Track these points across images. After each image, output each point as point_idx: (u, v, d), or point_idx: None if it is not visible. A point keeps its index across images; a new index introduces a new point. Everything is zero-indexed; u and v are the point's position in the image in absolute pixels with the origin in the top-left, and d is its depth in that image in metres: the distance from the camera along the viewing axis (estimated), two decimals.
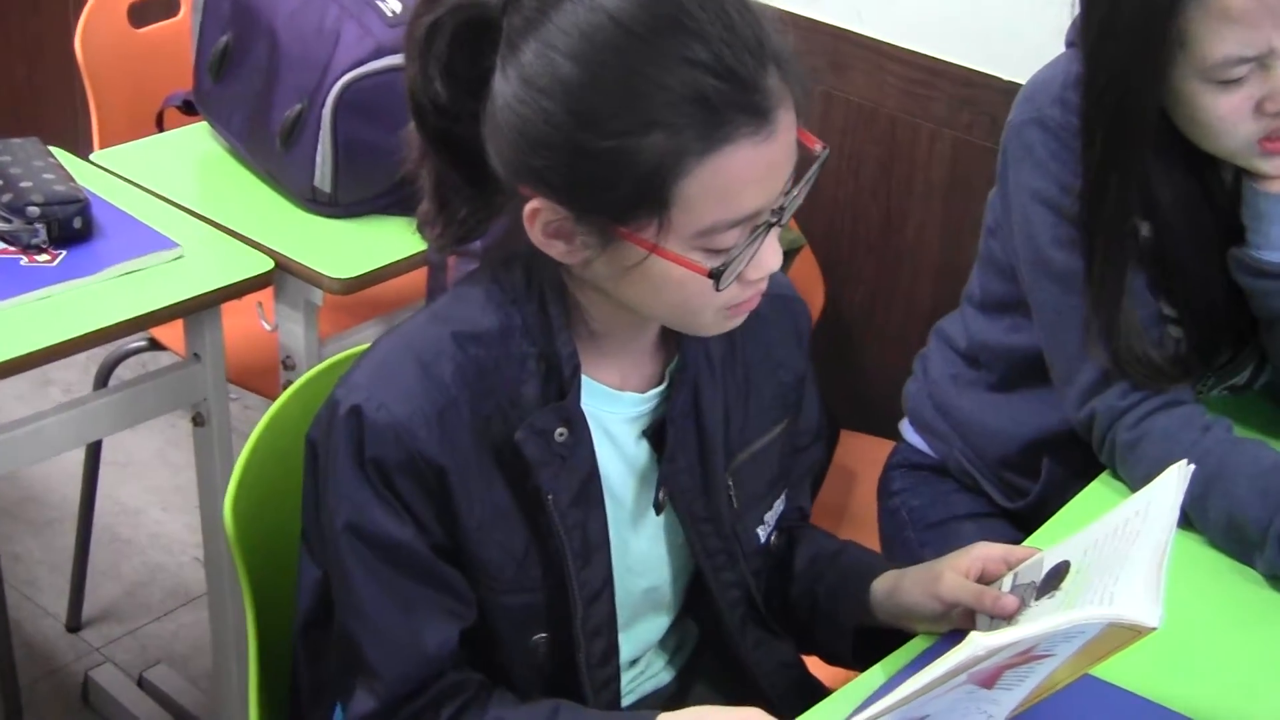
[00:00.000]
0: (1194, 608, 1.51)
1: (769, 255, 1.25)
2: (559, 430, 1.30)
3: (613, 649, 1.39)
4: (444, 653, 1.31)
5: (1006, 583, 1.38)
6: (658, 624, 1.50)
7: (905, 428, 2.05)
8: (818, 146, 1.26)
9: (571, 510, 1.32)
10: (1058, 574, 1.32)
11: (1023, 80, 1.79)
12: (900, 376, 2.06)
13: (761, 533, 1.48)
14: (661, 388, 1.38)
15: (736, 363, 1.44)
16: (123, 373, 2.41)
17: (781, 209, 1.23)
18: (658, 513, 1.41)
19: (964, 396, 1.95)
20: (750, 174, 1.18)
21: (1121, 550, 1.25)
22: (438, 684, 1.32)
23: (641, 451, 1.39)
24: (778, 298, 1.48)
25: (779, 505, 1.51)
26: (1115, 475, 1.69)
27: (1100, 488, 1.69)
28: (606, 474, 1.36)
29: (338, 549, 1.30)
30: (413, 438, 1.25)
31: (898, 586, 1.44)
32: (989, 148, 2.23)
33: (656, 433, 1.38)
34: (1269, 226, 1.63)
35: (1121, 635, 1.18)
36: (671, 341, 1.39)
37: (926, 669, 1.11)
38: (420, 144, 1.27)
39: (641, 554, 1.42)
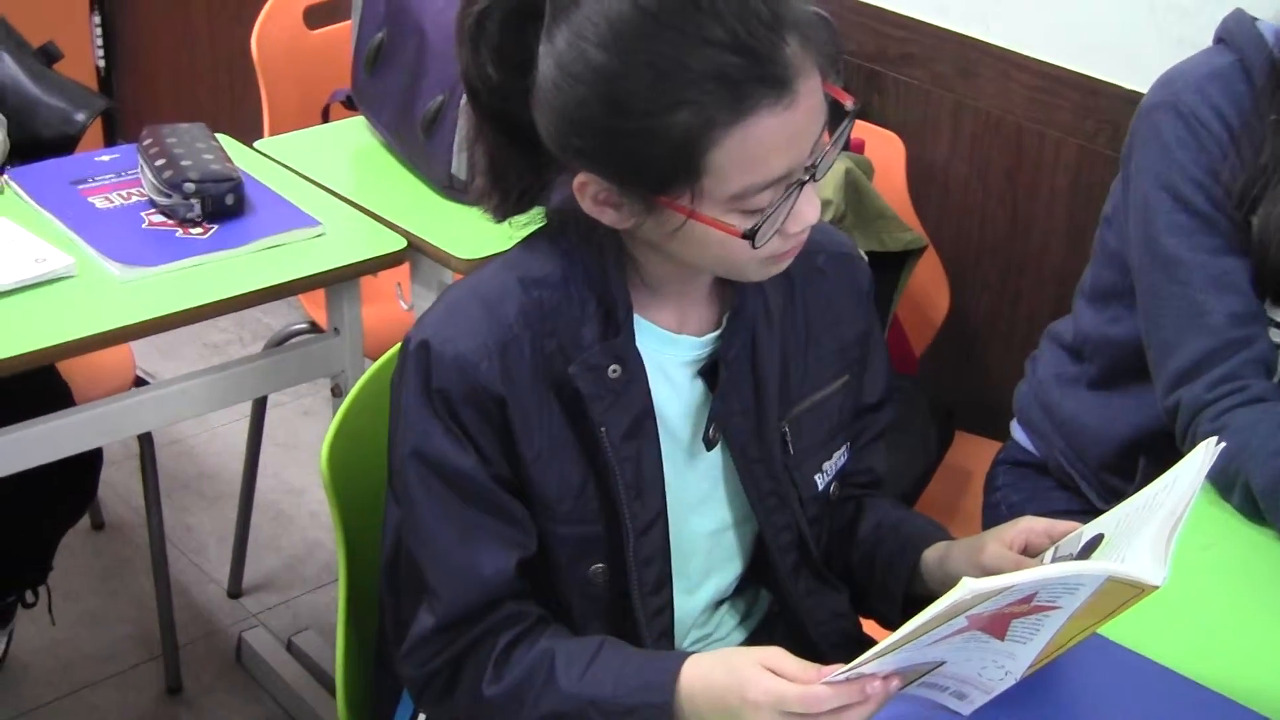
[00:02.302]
0: (1237, 591, 1.54)
1: (806, 209, 1.31)
2: (612, 367, 1.38)
3: (665, 578, 1.46)
4: (500, 579, 1.39)
5: (1048, 556, 1.41)
6: (728, 574, 1.56)
7: (1014, 426, 2.09)
8: (849, 103, 1.32)
9: (624, 444, 1.40)
10: (1092, 546, 1.35)
11: (1144, 90, 1.82)
12: (1019, 380, 2.10)
13: (820, 480, 1.53)
14: (718, 332, 1.46)
15: (797, 315, 1.50)
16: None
17: (814, 166, 1.30)
18: (708, 448, 1.47)
19: (1066, 395, 1.98)
20: (775, 140, 1.25)
21: (1145, 519, 1.28)
22: (496, 612, 1.40)
23: (697, 391, 1.46)
24: (839, 255, 1.54)
25: (840, 457, 1.56)
26: None
27: None
28: (664, 413, 1.44)
29: (404, 475, 1.39)
30: (475, 370, 1.35)
31: (947, 555, 1.49)
32: (1111, 156, 2.26)
33: (711, 372, 1.45)
34: None
35: (1127, 592, 1.22)
36: (729, 289, 1.46)
37: (923, 611, 1.17)
38: (475, 123, 1.37)
39: (700, 493, 1.48)
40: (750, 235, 1.28)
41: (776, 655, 1.29)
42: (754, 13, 1.24)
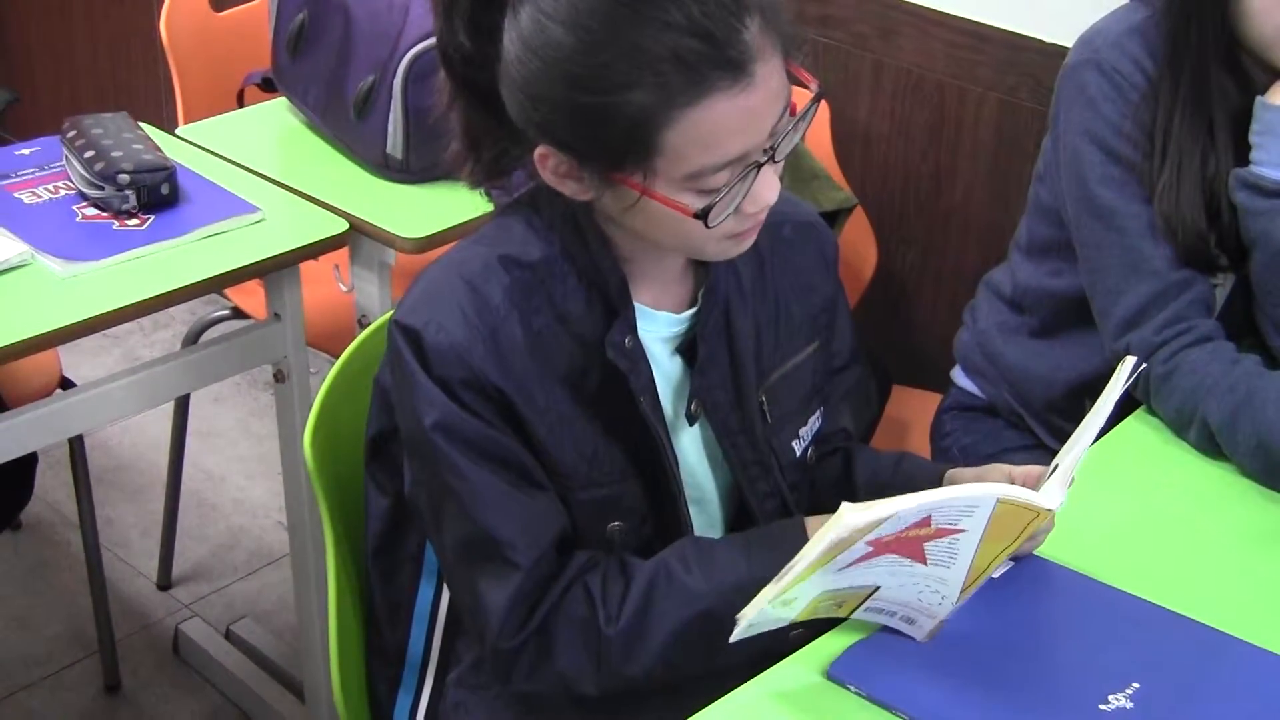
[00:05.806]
0: (1212, 528, 1.61)
1: (764, 190, 1.33)
2: (628, 339, 1.40)
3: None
4: (564, 519, 1.41)
5: None
6: None
7: (956, 373, 2.13)
8: (813, 85, 1.34)
9: (652, 411, 1.42)
10: None
11: (1067, 43, 1.87)
12: (950, 332, 2.15)
13: (797, 446, 1.56)
14: (694, 310, 1.47)
15: (767, 286, 1.53)
16: (207, 339, 2.53)
17: (773, 148, 1.31)
18: (690, 423, 1.49)
19: (1009, 344, 2.03)
20: (730, 123, 1.27)
21: (1070, 446, 1.37)
22: (572, 562, 1.41)
23: (676, 367, 1.48)
24: (805, 225, 1.57)
25: (815, 421, 1.59)
26: (1150, 410, 1.77)
27: (1135, 423, 1.76)
28: None
29: (435, 452, 1.37)
30: (471, 355, 1.35)
31: (954, 483, 1.52)
32: (1034, 109, 2.31)
33: (689, 349, 1.48)
34: (1275, 142, 1.70)
35: (1026, 514, 1.30)
36: (702, 266, 1.48)
37: (812, 541, 1.22)
38: (449, 90, 1.38)
39: (685, 466, 1.50)
40: (703, 215, 1.30)
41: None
42: None
